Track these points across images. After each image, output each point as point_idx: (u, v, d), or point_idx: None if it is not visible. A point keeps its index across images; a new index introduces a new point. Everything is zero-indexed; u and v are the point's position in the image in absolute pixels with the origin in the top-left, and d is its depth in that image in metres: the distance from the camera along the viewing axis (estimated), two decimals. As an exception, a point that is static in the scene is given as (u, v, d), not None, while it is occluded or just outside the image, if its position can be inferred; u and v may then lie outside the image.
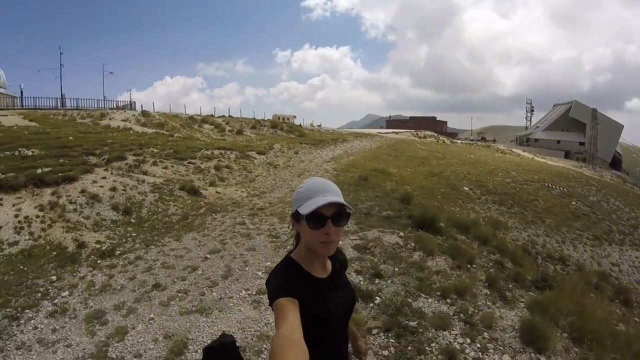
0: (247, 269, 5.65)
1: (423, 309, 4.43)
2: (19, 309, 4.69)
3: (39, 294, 5.13)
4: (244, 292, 4.98)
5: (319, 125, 45.53)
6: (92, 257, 6.53)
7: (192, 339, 3.97)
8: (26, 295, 5.09)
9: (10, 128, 15.42)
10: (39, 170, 9.15)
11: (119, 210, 8.76)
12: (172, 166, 12.38)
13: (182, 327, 4.20)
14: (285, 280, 1.20)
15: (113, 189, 9.47)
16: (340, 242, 5.00)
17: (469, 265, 6.09)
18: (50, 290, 5.25)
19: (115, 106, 30.07)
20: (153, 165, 12.06)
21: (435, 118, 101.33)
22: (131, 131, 17.65)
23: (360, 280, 5.08)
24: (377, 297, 4.64)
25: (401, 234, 6.85)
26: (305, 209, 1.17)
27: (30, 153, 10.77)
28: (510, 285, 5.74)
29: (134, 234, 7.70)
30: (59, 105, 29.02)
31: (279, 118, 38.45)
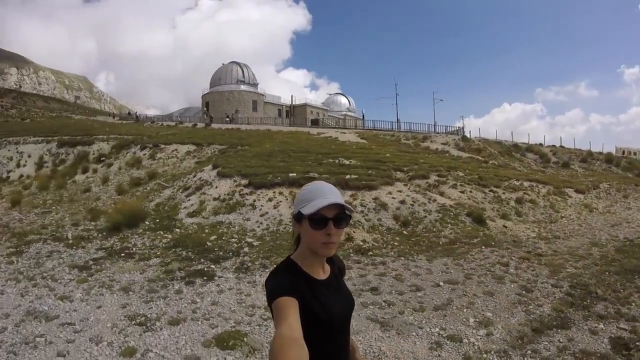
0: (464, 310, 4.85)
1: None
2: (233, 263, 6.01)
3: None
4: (437, 329, 4.32)
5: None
6: (349, 250, 7.34)
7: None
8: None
9: (343, 143, 19.69)
10: (347, 176, 11.22)
11: (398, 220, 9.38)
12: (470, 191, 11.96)
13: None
14: (285, 280, 1.21)
15: (402, 201, 10.23)
16: (598, 326, 3.42)
17: None
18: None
19: (444, 131, 31.77)
20: (451, 188, 12.09)
21: None
22: (447, 154, 18.39)
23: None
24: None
25: None
26: (307, 210, 1.20)
27: (347, 162, 13.37)
28: None
29: (396, 244, 8.05)
30: (394, 127, 33.89)
31: (623, 152, 30.18)
